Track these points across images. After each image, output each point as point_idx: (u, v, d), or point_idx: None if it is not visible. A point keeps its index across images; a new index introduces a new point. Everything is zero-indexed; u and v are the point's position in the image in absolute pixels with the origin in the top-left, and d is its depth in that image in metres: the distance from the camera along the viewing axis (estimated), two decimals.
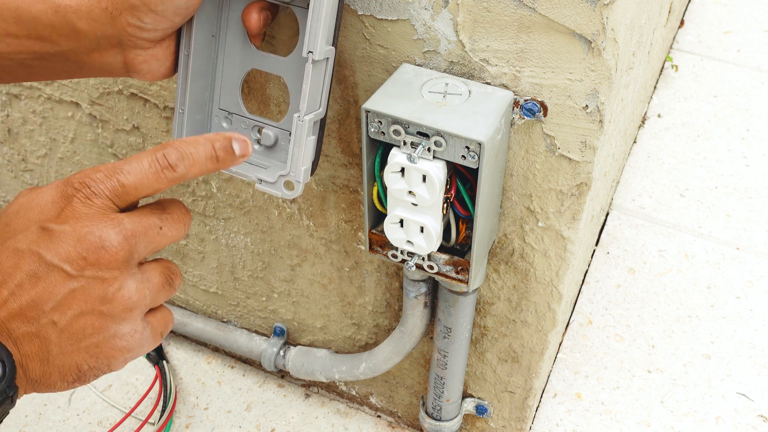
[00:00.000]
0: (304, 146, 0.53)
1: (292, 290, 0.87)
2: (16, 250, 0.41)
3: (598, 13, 0.50)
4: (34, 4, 0.47)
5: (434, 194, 0.54)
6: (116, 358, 0.44)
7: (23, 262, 0.40)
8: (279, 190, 0.56)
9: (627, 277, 1.14)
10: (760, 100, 1.46)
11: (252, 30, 0.55)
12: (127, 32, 0.49)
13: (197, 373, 1.00)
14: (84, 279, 0.41)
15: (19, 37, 0.48)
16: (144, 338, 0.45)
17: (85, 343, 0.42)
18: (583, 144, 0.57)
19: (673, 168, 1.32)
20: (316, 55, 0.51)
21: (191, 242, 0.90)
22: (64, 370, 0.42)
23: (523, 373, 0.79)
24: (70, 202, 0.42)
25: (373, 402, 0.94)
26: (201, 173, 0.47)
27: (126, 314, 0.43)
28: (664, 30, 1.24)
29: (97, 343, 0.43)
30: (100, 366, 0.43)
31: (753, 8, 1.72)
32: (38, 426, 0.94)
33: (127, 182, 0.43)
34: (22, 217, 0.42)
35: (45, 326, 0.40)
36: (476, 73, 0.56)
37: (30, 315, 0.40)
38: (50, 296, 0.40)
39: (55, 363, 0.41)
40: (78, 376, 0.42)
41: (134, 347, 0.44)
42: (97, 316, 0.42)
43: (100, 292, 0.42)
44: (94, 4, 0.48)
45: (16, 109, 0.85)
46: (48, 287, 0.40)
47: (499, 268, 0.70)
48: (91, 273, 0.41)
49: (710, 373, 1.01)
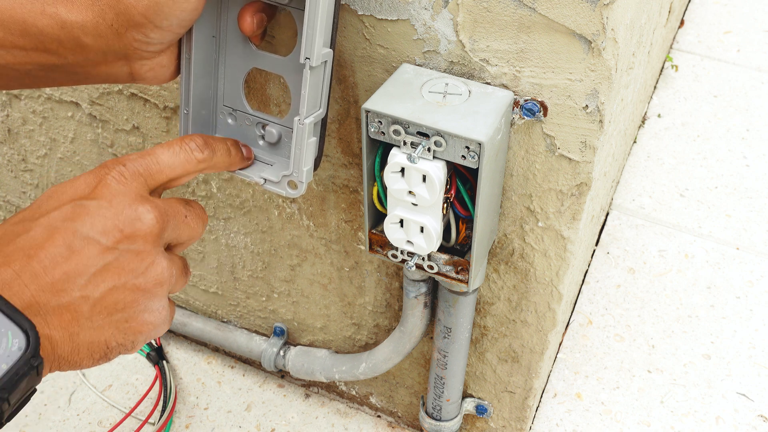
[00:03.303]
0: (305, 148, 0.54)
1: (292, 290, 0.87)
2: (49, 226, 0.41)
3: (598, 13, 0.50)
4: (40, 19, 0.47)
5: (434, 194, 0.54)
6: (142, 333, 0.44)
7: (57, 236, 0.40)
8: (283, 189, 0.56)
9: (627, 277, 1.14)
10: (760, 100, 1.46)
11: (246, 32, 0.55)
12: (133, 47, 0.50)
13: (197, 373, 1.00)
14: (119, 252, 0.42)
15: (25, 49, 0.48)
16: (166, 317, 0.45)
17: (116, 317, 0.42)
18: (583, 144, 0.57)
19: (673, 168, 1.32)
20: (313, 61, 0.51)
21: None
22: (92, 346, 0.42)
23: (523, 373, 0.79)
24: (104, 180, 0.43)
25: (373, 402, 0.94)
26: (219, 164, 0.50)
27: (157, 289, 0.44)
28: (664, 30, 1.24)
29: (127, 318, 0.43)
30: (125, 343, 0.43)
31: (753, 8, 1.72)
32: (38, 426, 0.94)
33: (160, 162, 0.45)
34: (54, 199, 0.43)
35: (77, 300, 0.40)
36: (476, 73, 0.56)
37: (62, 288, 0.40)
38: (84, 269, 0.40)
39: (84, 338, 0.41)
40: (105, 352, 0.43)
41: (160, 324, 0.45)
42: (130, 290, 0.42)
43: (134, 266, 0.42)
44: (100, 21, 0.48)
45: (16, 109, 0.85)
46: (82, 260, 0.40)
47: (499, 268, 0.70)
48: (126, 246, 0.42)
49: (710, 373, 1.01)
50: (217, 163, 0.51)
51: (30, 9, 0.46)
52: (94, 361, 0.42)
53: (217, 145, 0.51)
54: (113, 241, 0.41)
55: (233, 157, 0.53)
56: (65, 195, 0.43)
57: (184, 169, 0.47)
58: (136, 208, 0.43)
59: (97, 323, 0.41)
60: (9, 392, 0.36)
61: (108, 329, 0.42)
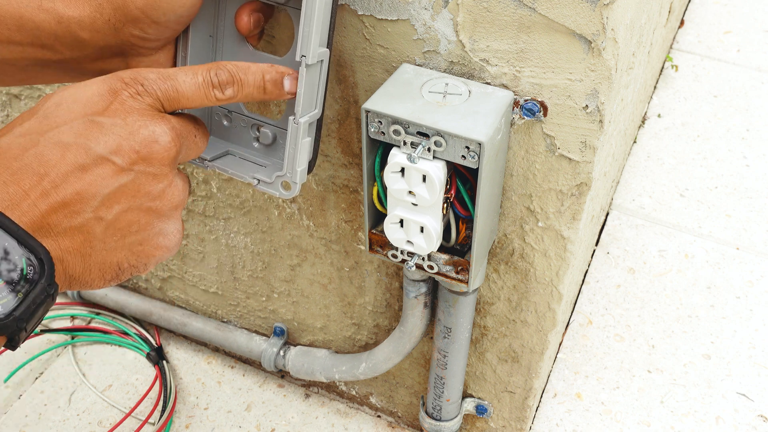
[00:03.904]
0: (299, 148, 0.53)
1: (292, 290, 0.87)
2: (60, 142, 0.39)
3: (598, 13, 0.50)
4: (37, 14, 0.46)
5: (434, 194, 0.54)
6: (155, 256, 0.43)
7: (69, 153, 0.38)
8: (276, 190, 0.56)
9: (627, 277, 1.14)
10: (760, 100, 1.46)
11: (243, 32, 0.55)
12: (131, 42, 0.49)
13: (197, 373, 1.00)
14: (134, 173, 0.40)
15: (22, 44, 0.47)
16: (180, 238, 0.44)
17: (129, 239, 0.41)
18: (583, 144, 0.57)
19: (673, 168, 1.32)
20: (309, 59, 0.51)
21: (191, 242, 0.90)
22: (104, 267, 0.41)
23: (523, 373, 0.79)
24: (119, 95, 0.41)
25: (373, 402, 0.94)
26: (246, 99, 0.47)
27: (172, 212, 0.43)
28: (664, 30, 1.24)
29: (141, 241, 0.42)
30: (138, 265, 0.42)
31: (753, 8, 1.72)
32: (38, 426, 0.94)
33: (180, 89, 0.43)
34: (64, 109, 0.40)
35: (90, 221, 0.39)
36: (476, 73, 0.56)
37: (75, 209, 0.38)
38: (98, 190, 0.39)
39: (96, 259, 0.40)
40: (117, 273, 0.42)
41: (173, 246, 0.44)
42: (145, 213, 0.41)
43: (150, 188, 0.41)
44: (97, 16, 0.47)
45: (16, 109, 0.85)
46: (96, 180, 0.39)
47: (499, 268, 0.70)
48: (142, 168, 0.40)
49: (710, 373, 1.01)
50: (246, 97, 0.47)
51: (27, 4, 0.46)
52: (105, 282, 0.41)
53: (247, 80, 0.47)
54: (128, 162, 0.40)
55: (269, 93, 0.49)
56: (76, 106, 0.40)
57: (201, 103, 0.45)
58: (153, 129, 0.41)
59: (110, 245, 0.40)
60: (27, 322, 0.36)
61: (121, 251, 0.41)
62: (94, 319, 1.06)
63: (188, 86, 0.44)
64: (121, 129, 0.40)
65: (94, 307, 1.06)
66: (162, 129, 0.41)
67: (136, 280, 1.01)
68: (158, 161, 0.41)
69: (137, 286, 1.02)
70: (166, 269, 0.96)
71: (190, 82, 0.44)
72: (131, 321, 1.04)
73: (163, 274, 0.97)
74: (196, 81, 0.44)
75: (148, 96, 0.42)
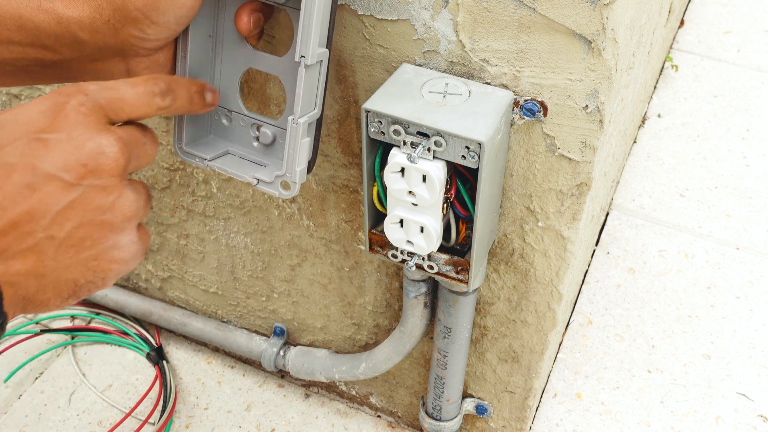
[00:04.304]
0: (299, 148, 0.53)
1: (292, 290, 0.87)
2: (5, 164, 0.37)
3: (598, 13, 0.50)
4: (36, 14, 0.46)
5: (434, 194, 0.54)
6: (112, 270, 0.42)
7: (15, 174, 0.37)
8: (276, 189, 0.56)
9: (627, 277, 1.14)
10: (760, 100, 1.46)
11: (242, 32, 0.55)
12: (130, 43, 0.49)
13: (197, 373, 1.00)
14: (83, 188, 0.39)
15: (21, 44, 0.47)
16: (138, 250, 0.44)
17: (84, 255, 0.40)
18: (583, 144, 0.57)
19: (673, 168, 1.32)
20: (308, 59, 0.51)
21: (191, 242, 0.90)
22: (60, 286, 0.40)
23: (523, 373, 0.79)
24: (62, 109, 0.40)
25: (373, 402, 0.94)
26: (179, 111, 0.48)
27: (125, 224, 0.42)
28: (664, 30, 1.24)
29: (96, 256, 0.41)
30: (95, 280, 0.42)
31: (753, 8, 1.72)
32: (38, 426, 0.94)
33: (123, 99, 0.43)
34: (6, 131, 0.39)
35: (41, 241, 0.38)
36: (476, 73, 0.56)
37: (25, 230, 0.37)
38: (48, 208, 0.38)
39: (51, 279, 0.39)
40: (74, 291, 0.41)
41: (130, 259, 0.43)
42: (97, 227, 0.40)
43: (100, 201, 0.40)
44: (96, 17, 0.47)
45: None
46: (45, 199, 0.38)
47: (499, 268, 0.70)
48: (91, 181, 0.40)
49: (710, 373, 1.01)
50: (178, 109, 0.49)
51: (27, 4, 0.46)
52: (63, 301, 0.40)
53: (180, 92, 0.48)
54: (77, 177, 0.39)
55: (195, 104, 0.51)
56: (19, 127, 0.39)
57: (144, 112, 0.45)
58: (99, 141, 0.40)
59: (64, 263, 0.39)
60: None
61: (76, 268, 0.40)
62: (94, 319, 1.06)
63: (131, 95, 0.44)
64: (67, 143, 0.39)
65: (94, 307, 1.06)
66: (108, 140, 0.41)
67: (136, 280, 1.01)
68: (107, 173, 0.40)
69: (137, 286, 1.02)
70: (166, 269, 0.96)
71: (132, 91, 0.44)
72: (131, 321, 1.04)
73: (163, 274, 0.97)
74: (137, 91, 0.44)
75: (92, 107, 0.41)
